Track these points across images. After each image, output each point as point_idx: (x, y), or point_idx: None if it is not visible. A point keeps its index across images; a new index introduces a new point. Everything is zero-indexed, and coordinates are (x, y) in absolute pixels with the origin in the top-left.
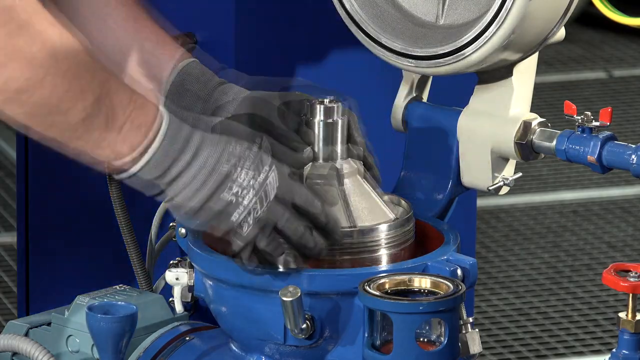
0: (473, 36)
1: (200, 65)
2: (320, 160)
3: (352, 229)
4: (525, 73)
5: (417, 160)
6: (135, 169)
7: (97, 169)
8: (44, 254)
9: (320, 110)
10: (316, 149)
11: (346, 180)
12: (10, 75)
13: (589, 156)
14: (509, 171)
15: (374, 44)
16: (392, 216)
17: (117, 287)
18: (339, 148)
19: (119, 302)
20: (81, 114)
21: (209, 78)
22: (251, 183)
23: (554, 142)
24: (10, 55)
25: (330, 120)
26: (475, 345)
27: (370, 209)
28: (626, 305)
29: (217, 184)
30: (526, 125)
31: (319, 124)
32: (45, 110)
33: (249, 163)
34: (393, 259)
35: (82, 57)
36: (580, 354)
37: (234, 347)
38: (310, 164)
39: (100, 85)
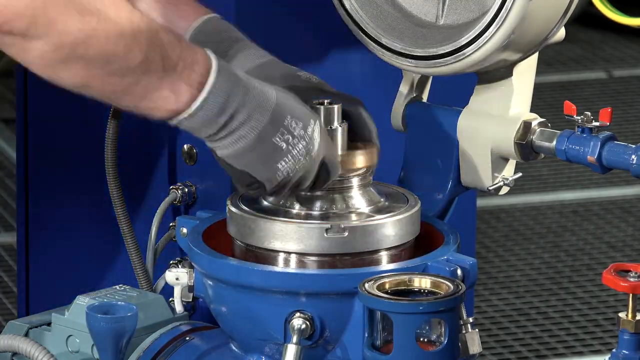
0: (473, 36)
1: (216, 22)
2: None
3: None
4: (525, 73)
5: (417, 160)
6: (194, 106)
7: (154, 120)
8: (44, 254)
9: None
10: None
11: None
12: (62, 29)
13: (589, 156)
14: (509, 171)
15: (374, 44)
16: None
17: (117, 287)
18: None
19: (119, 302)
20: (139, 56)
21: (224, 37)
22: (301, 134)
23: (554, 142)
24: (59, 9)
25: (329, 128)
26: (475, 345)
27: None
28: (626, 305)
29: (272, 126)
30: (526, 125)
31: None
32: (104, 59)
33: (299, 113)
34: (393, 259)
35: (125, 3)
36: (580, 354)
37: (234, 347)
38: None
39: (148, 28)
